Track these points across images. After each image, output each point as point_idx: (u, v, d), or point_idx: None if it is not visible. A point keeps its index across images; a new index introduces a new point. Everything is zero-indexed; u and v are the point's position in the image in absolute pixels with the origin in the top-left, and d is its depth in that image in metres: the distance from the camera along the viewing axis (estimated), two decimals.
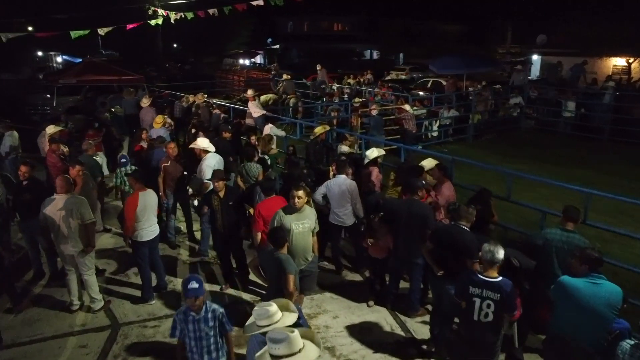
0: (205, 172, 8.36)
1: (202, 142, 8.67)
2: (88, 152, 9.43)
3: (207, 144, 8.67)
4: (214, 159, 8.65)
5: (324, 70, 21.97)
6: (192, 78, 25.06)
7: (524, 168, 14.03)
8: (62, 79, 15.58)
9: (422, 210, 6.59)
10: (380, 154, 8.71)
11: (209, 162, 8.52)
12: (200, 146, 8.64)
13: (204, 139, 8.72)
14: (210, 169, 8.29)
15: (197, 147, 8.61)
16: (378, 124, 14.00)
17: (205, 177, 8.31)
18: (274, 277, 5.50)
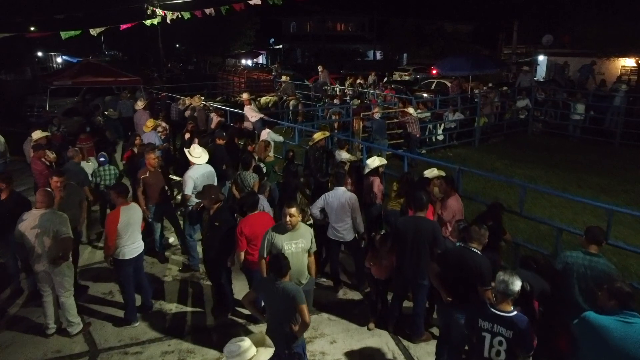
0: (186, 183, 7.78)
1: (194, 151, 8.03)
2: (74, 159, 8.86)
3: (198, 154, 8.03)
4: (199, 171, 7.97)
5: (325, 72, 21.35)
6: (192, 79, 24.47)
7: (534, 174, 13.45)
8: (56, 81, 15.01)
9: (430, 228, 6.00)
10: (381, 162, 8.13)
11: (192, 173, 7.88)
12: (190, 157, 8.01)
13: (198, 147, 8.10)
14: (192, 181, 7.73)
15: (187, 155, 8.00)
16: (381, 128, 13.39)
17: (185, 188, 7.75)
18: (278, 310, 4.91)
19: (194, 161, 7.97)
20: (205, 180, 7.94)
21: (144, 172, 8.14)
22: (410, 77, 30.02)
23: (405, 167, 9.07)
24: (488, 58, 22.04)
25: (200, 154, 8.04)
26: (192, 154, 7.98)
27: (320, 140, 9.72)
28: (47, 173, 9.12)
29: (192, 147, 8.09)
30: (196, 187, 7.73)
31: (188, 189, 7.75)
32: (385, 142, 13.43)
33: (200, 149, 8.09)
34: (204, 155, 8.12)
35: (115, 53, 52.90)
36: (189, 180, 7.75)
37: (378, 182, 8.07)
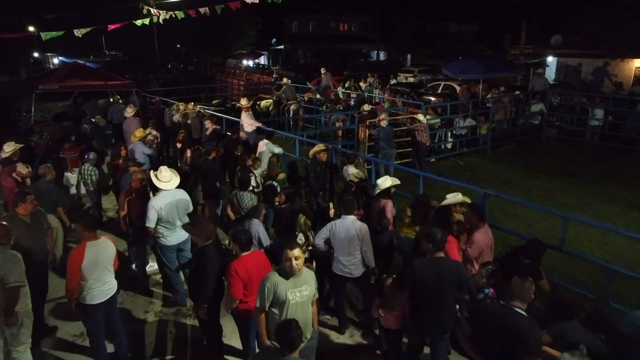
0: (148, 213, 6.57)
1: (161, 174, 6.82)
2: (46, 177, 7.77)
3: (166, 178, 6.81)
4: (165, 198, 6.72)
5: (328, 74, 20.16)
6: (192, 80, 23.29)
7: (553, 186, 12.35)
8: (42, 84, 13.91)
9: (455, 271, 4.90)
10: (394, 183, 7.04)
11: (157, 202, 6.63)
12: (156, 181, 6.80)
13: (166, 170, 6.88)
14: (154, 212, 6.55)
15: (153, 179, 6.84)
16: (388, 136, 12.28)
17: (147, 219, 6.57)
18: None
19: (160, 187, 6.76)
20: (173, 210, 6.74)
21: (129, 192, 7.05)
22: (415, 78, 28.88)
23: (420, 188, 7.88)
24: (500, 60, 20.86)
25: (169, 178, 6.82)
26: (160, 177, 6.78)
27: (320, 153, 8.61)
28: (18, 191, 8.11)
29: (160, 169, 6.88)
30: (161, 218, 6.62)
31: (150, 221, 6.55)
32: (392, 151, 12.33)
33: (169, 172, 6.88)
34: (174, 178, 6.89)
35: (117, 54, 51.68)
36: (151, 211, 6.54)
37: (390, 205, 6.98)
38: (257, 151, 9.97)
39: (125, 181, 7.79)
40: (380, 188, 6.99)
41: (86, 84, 14.47)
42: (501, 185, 12.58)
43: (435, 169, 13.76)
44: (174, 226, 6.78)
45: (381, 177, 7.14)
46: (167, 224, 6.68)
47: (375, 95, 19.55)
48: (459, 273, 4.93)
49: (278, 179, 8.51)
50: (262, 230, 6.78)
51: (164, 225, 6.67)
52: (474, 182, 12.90)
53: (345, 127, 13.63)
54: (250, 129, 11.09)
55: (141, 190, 7.12)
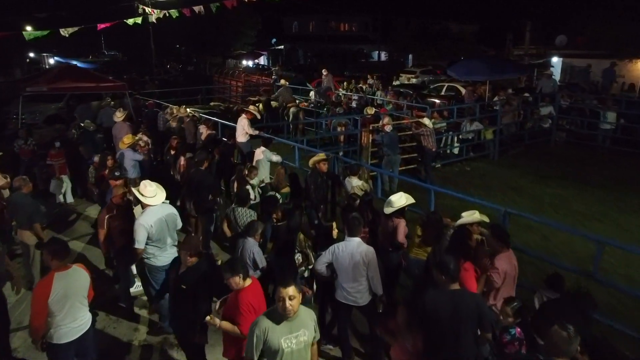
0: (137, 233, 5.82)
1: (146, 190, 6.04)
2: (22, 189, 7.05)
3: (151, 192, 6.06)
4: (154, 215, 6.00)
5: (330, 76, 19.38)
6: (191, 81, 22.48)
7: (566, 194, 11.66)
8: (29, 87, 13.16)
9: (473, 305, 4.23)
10: (409, 202, 6.33)
11: (145, 220, 5.90)
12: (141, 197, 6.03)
13: (150, 184, 6.10)
14: (144, 230, 5.82)
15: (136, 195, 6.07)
16: (393, 142, 11.56)
17: (135, 240, 5.82)
18: None
19: (146, 202, 6.01)
20: (164, 226, 6.04)
21: (110, 208, 6.32)
22: (418, 79, 28.14)
23: (431, 204, 7.14)
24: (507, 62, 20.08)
25: (153, 192, 6.07)
26: (144, 193, 6.01)
27: (321, 163, 7.90)
28: None
29: (142, 184, 6.10)
30: (151, 237, 5.91)
31: (140, 242, 5.81)
32: (397, 157, 11.62)
33: (154, 186, 6.12)
34: (159, 193, 6.15)
35: (116, 54, 50.80)
36: (141, 230, 5.80)
37: (404, 226, 6.27)
38: (254, 159, 9.26)
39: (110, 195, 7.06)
40: (394, 207, 6.28)
41: (77, 86, 13.72)
42: (511, 193, 11.90)
43: (441, 175, 13.08)
44: (164, 244, 6.09)
45: (395, 195, 6.40)
46: (157, 242, 5.98)
47: (377, 98, 18.78)
48: (478, 307, 4.25)
49: (282, 192, 7.80)
50: (257, 251, 6.12)
51: (154, 244, 5.96)
52: (483, 189, 12.22)
53: (347, 132, 12.89)
54: (244, 139, 10.29)
55: (124, 207, 6.40)
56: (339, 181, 8.08)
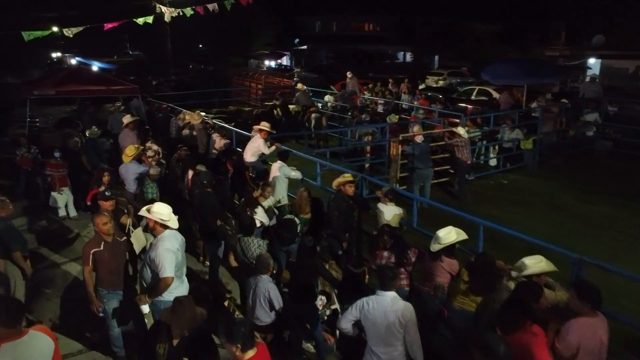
0: (165, 259, 4.80)
1: (162, 210, 5.06)
2: (0, 213, 6.03)
3: (168, 214, 5.06)
4: (176, 239, 5.09)
5: (355, 79, 18.03)
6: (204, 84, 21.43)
7: (617, 214, 10.34)
8: (37, 90, 12.29)
9: None
10: (460, 237, 5.16)
11: (171, 244, 4.95)
12: (156, 217, 5.01)
13: (163, 205, 5.13)
14: (172, 255, 4.85)
15: (151, 218, 5.01)
16: (424, 154, 10.34)
17: (164, 268, 4.78)
18: None
19: (167, 224, 5.04)
20: (183, 253, 5.21)
21: (95, 242, 5.26)
22: (445, 82, 26.70)
23: (480, 242, 5.85)
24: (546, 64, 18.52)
25: (169, 215, 5.07)
26: (160, 214, 4.99)
27: (347, 185, 6.72)
28: None
29: (156, 205, 5.10)
30: (177, 264, 4.96)
31: (170, 269, 4.82)
32: (429, 171, 10.40)
33: (168, 208, 5.10)
34: (173, 215, 5.17)
35: (140, 54, 50.20)
36: (169, 255, 4.83)
37: (457, 267, 5.12)
38: (270, 176, 8.13)
39: None
40: (442, 243, 5.11)
41: (86, 89, 12.83)
42: (554, 212, 10.59)
43: (475, 189, 11.80)
44: (182, 275, 5.23)
45: (444, 229, 5.21)
46: (178, 272, 5.05)
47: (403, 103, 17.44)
48: None
49: (303, 217, 6.67)
50: (272, 288, 5.16)
51: (175, 274, 4.97)
52: (521, 206, 10.92)
53: (375, 143, 11.62)
54: (253, 158, 9.11)
55: (113, 239, 5.30)
56: (367, 206, 6.90)
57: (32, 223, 9.63)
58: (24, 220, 9.70)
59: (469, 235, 5.42)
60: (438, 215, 7.19)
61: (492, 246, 6.14)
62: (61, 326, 6.35)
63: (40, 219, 9.80)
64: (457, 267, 5.18)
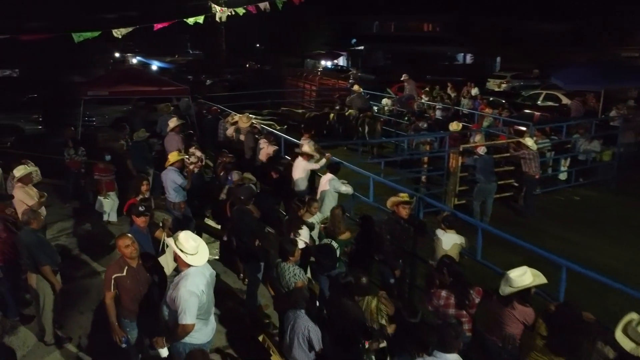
0: (188, 304, 4.09)
1: (186, 242, 4.30)
2: (31, 224, 5.64)
3: (193, 248, 4.30)
4: (202, 278, 4.33)
5: (412, 82, 16.96)
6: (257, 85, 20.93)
7: None
8: (91, 90, 12.16)
9: None
10: (537, 281, 4.28)
11: (194, 285, 4.19)
12: (180, 253, 4.27)
13: (190, 236, 4.38)
14: (196, 299, 4.14)
15: (175, 250, 4.33)
16: (487, 167, 9.35)
17: (186, 313, 4.09)
18: None
19: (188, 261, 4.27)
20: (211, 292, 4.46)
21: (118, 266, 4.72)
22: (507, 85, 25.14)
23: (561, 288, 4.80)
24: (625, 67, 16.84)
25: (196, 248, 4.33)
26: (184, 247, 4.27)
27: (400, 206, 5.90)
28: (5, 237, 6.12)
29: (182, 235, 4.35)
30: (201, 307, 4.25)
31: (192, 315, 4.11)
32: (492, 186, 9.41)
33: (197, 240, 4.39)
34: (202, 250, 4.40)
35: (199, 52, 50.77)
36: (192, 300, 4.11)
37: (532, 316, 4.25)
38: (318, 190, 7.43)
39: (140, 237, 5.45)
40: (515, 286, 4.25)
41: (138, 90, 12.60)
42: (634, 235, 9.27)
43: (542, 206, 10.65)
44: (209, 315, 4.53)
45: (517, 269, 4.33)
46: (204, 314, 4.37)
47: (462, 109, 16.25)
48: None
49: (340, 239, 5.93)
50: (312, 327, 4.46)
51: (201, 317, 4.31)
52: (595, 226, 9.71)
53: (433, 154, 10.65)
54: (303, 175, 8.24)
55: (138, 268, 4.75)
56: (424, 230, 6.06)
57: (76, 227, 9.39)
58: (69, 224, 9.50)
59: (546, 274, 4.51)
60: (505, 245, 6.25)
61: (575, 287, 5.15)
62: (88, 345, 5.94)
63: (84, 223, 9.55)
64: (532, 317, 4.29)
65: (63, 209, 10.13)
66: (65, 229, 9.21)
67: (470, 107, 16.53)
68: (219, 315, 6.60)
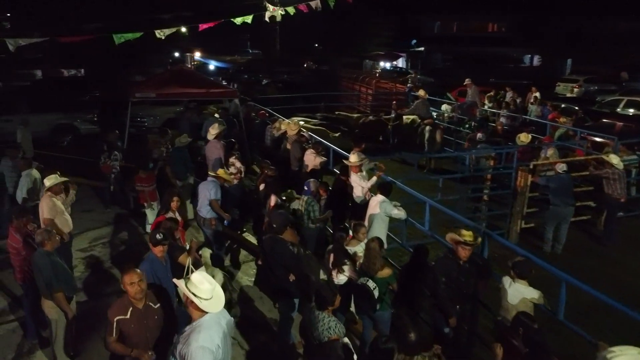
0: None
1: (200, 285, 3.53)
2: (44, 246, 5.06)
3: (207, 291, 3.53)
4: (218, 328, 3.56)
5: (474, 87, 15.53)
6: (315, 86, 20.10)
7: None
8: (138, 92, 11.77)
9: None
10: None
11: (211, 340, 3.42)
12: (193, 297, 3.51)
13: (204, 277, 3.64)
14: (210, 356, 3.35)
15: (187, 294, 3.57)
16: (565, 187, 8.09)
17: None
18: None
19: (203, 308, 3.50)
20: (227, 343, 3.67)
21: (122, 306, 3.99)
22: (580, 90, 23.04)
23: None
24: None
25: (211, 292, 3.56)
26: (198, 291, 3.53)
27: (460, 247, 4.85)
28: (25, 254, 5.63)
29: (194, 277, 3.59)
30: None
31: None
32: (569, 210, 8.14)
33: (213, 283, 3.62)
34: (218, 293, 3.63)
35: (258, 52, 50.74)
36: (204, 357, 3.35)
37: None
38: (367, 213, 6.49)
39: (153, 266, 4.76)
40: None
41: (185, 92, 12.11)
42: None
43: (625, 232, 9.21)
44: None
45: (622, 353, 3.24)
46: None
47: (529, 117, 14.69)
48: None
49: (379, 277, 4.98)
50: None
51: None
52: None
53: (497, 171, 9.35)
54: (361, 196, 7.32)
55: (146, 310, 4.02)
56: (489, 273, 5.00)
57: (113, 235, 8.93)
58: (107, 231, 9.07)
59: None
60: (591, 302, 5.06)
61: None
62: None
63: (121, 231, 9.09)
64: None
65: (104, 214, 9.77)
66: (101, 237, 8.78)
67: (538, 114, 15.00)
68: (248, 350, 5.86)
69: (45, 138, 14.39)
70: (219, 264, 7.25)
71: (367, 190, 6.93)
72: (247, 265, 7.82)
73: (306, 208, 6.78)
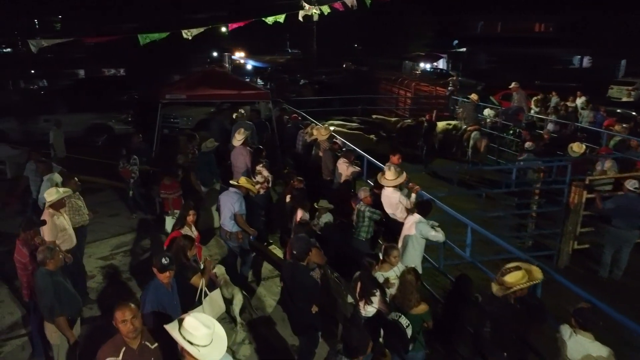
0: None
1: (196, 331, 3.02)
2: (47, 266, 4.62)
3: (204, 337, 3.00)
4: None
5: (521, 92, 14.36)
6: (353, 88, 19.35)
7: None
8: (169, 94, 11.40)
9: None
10: None
11: None
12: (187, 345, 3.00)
13: (198, 324, 3.01)
14: None
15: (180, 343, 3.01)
16: (632, 207, 7.09)
17: None
18: None
19: (200, 356, 2.99)
20: None
21: (113, 346, 3.46)
22: (637, 93, 21.47)
23: None
24: None
25: (209, 336, 3.05)
26: (193, 337, 3.01)
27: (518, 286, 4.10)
28: (32, 268, 5.22)
29: (187, 321, 3.07)
30: None
31: None
32: (634, 234, 7.16)
33: (211, 327, 3.07)
34: (218, 339, 3.10)
35: (297, 52, 50.29)
36: None
37: None
38: (401, 235, 5.78)
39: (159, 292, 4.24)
40: None
41: (216, 94, 11.68)
42: None
43: None
44: None
45: None
46: None
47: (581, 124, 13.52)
48: None
49: (413, 313, 4.29)
50: None
51: None
52: None
53: (547, 186, 8.38)
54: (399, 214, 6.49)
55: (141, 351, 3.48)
56: (545, 317, 4.23)
57: (135, 243, 8.54)
58: (129, 238, 8.70)
59: None
60: None
61: None
62: None
63: (144, 239, 8.69)
64: None
65: (129, 220, 9.43)
66: (123, 245, 8.41)
67: (591, 121, 13.81)
68: None
69: (80, 138, 14.34)
70: (242, 281, 6.72)
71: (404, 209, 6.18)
72: (272, 282, 7.24)
73: (369, 216, 6.35)
